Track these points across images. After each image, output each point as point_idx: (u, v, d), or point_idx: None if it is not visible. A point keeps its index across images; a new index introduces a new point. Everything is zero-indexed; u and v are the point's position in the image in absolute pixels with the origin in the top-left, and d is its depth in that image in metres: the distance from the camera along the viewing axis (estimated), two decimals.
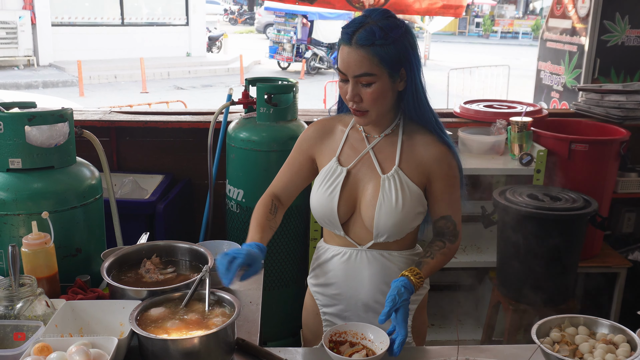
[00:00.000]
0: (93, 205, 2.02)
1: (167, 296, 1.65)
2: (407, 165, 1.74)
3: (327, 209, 1.77)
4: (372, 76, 1.62)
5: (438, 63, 19.86)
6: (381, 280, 1.79)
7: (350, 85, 1.64)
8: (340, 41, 1.64)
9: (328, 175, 1.79)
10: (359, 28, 1.60)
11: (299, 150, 1.88)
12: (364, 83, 1.63)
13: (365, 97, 1.64)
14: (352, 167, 1.78)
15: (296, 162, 1.88)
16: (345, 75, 1.64)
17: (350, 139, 1.82)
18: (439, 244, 1.77)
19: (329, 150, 1.83)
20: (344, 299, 1.84)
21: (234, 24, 34.08)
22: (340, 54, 1.63)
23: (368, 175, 1.76)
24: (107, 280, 1.70)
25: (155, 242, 1.94)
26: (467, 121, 3.51)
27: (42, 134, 1.88)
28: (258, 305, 1.90)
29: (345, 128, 1.83)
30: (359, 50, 1.59)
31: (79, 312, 1.65)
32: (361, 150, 1.79)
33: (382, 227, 1.72)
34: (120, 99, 11.59)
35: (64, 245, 1.92)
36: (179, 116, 3.40)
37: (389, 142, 1.77)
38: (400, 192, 1.71)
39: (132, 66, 14.97)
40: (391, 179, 1.73)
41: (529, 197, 2.79)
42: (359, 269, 1.80)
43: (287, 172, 1.89)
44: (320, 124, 1.88)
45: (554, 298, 2.79)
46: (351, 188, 1.77)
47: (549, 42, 4.88)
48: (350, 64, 1.61)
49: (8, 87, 13.21)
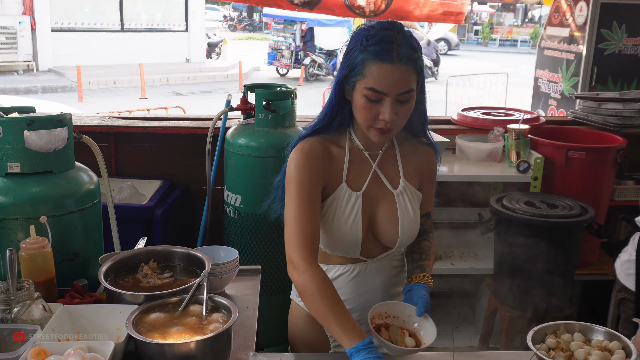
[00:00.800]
0: (91, 210, 2.02)
1: (164, 301, 1.65)
2: (409, 174, 1.76)
3: (352, 239, 1.70)
4: (412, 92, 1.57)
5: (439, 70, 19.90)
6: (391, 282, 1.83)
7: (388, 105, 1.54)
8: (375, 59, 1.52)
9: (342, 203, 1.69)
10: (392, 43, 1.52)
11: (312, 186, 1.65)
12: (403, 100, 1.56)
13: (400, 115, 1.58)
14: (365, 190, 1.71)
15: (316, 201, 1.66)
16: (380, 95, 1.54)
17: (352, 159, 1.72)
18: (426, 243, 1.81)
19: (334, 176, 1.71)
20: (356, 310, 1.81)
21: (233, 30, 34.17)
22: (378, 72, 1.52)
23: (380, 193, 1.73)
24: (105, 285, 1.71)
25: (152, 247, 1.94)
26: (464, 128, 3.53)
27: (41, 138, 1.88)
28: (255, 310, 1.91)
29: (342, 148, 1.72)
30: (403, 67, 1.52)
31: (76, 316, 1.65)
32: (366, 169, 1.73)
33: (406, 240, 1.75)
34: (119, 105, 11.59)
35: (61, 250, 1.92)
36: (177, 122, 3.41)
37: (388, 155, 1.76)
38: (414, 203, 1.74)
39: (132, 72, 14.99)
40: (403, 193, 1.73)
41: (526, 204, 2.80)
42: (369, 279, 1.80)
43: (314, 219, 1.64)
44: (316, 150, 1.68)
45: (550, 305, 2.80)
46: (366, 210, 1.71)
47: (546, 50, 4.91)
48: (396, 82, 1.52)
49: (7, 92, 13.21)
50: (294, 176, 1.66)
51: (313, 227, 1.63)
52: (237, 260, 2.01)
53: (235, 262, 2.00)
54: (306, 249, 1.61)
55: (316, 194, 1.66)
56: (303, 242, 1.62)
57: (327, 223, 1.71)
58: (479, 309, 3.45)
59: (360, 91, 1.57)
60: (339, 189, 1.70)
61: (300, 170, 1.66)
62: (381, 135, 1.62)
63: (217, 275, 1.95)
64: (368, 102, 1.57)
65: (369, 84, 1.54)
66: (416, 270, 1.72)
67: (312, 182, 1.66)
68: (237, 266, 2.02)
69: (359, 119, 1.63)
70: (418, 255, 1.77)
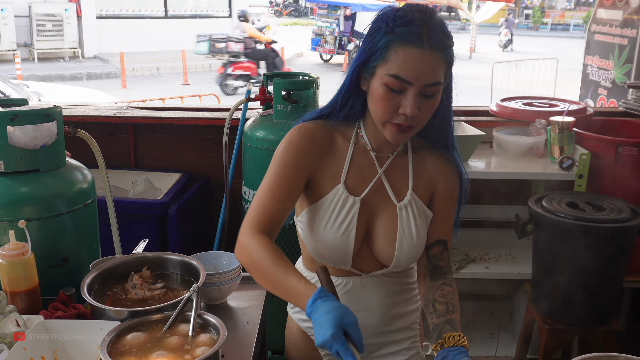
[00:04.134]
0: (83, 211, 1.87)
1: (146, 318, 1.48)
2: (419, 187, 1.53)
3: (342, 249, 1.50)
4: (440, 85, 1.36)
5: (484, 56, 19.37)
6: (392, 301, 1.60)
7: (411, 96, 1.33)
8: (402, 42, 1.31)
9: (337, 206, 1.48)
10: (424, 26, 1.31)
11: (295, 167, 1.46)
12: (428, 94, 1.35)
13: (423, 111, 1.36)
14: (364, 196, 1.50)
15: (293, 184, 1.46)
16: (404, 85, 1.33)
17: (356, 158, 1.51)
18: (449, 289, 1.48)
19: (330, 172, 1.50)
20: None
21: (279, 15, 34.10)
22: (405, 57, 1.31)
23: (381, 203, 1.51)
24: (86, 298, 1.55)
25: (144, 254, 1.78)
26: (503, 120, 3.25)
27: (25, 134, 1.74)
28: (255, 326, 1.72)
29: (348, 143, 1.51)
30: (434, 55, 1.31)
31: (54, 332, 1.50)
32: (370, 172, 1.51)
33: (403, 262, 1.52)
34: (161, 91, 11.60)
35: (49, 255, 1.78)
36: (196, 112, 3.25)
37: (398, 162, 1.53)
38: (418, 221, 1.50)
39: (174, 58, 15.06)
40: (408, 207, 1.50)
41: (569, 205, 2.53)
42: (365, 296, 1.58)
43: (282, 200, 1.45)
44: (317, 133, 1.50)
45: (595, 317, 2.53)
46: (363, 219, 1.50)
47: (597, 34, 4.54)
48: (424, 71, 1.31)
49: (54, 79, 13.44)
50: (279, 153, 1.48)
51: (279, 209, 1.45)
52: (239, 269, 1.83)
53: (237, 271, 1.82)
54: (261, 228, 1.43)
55: (297, 178, 1.46)
56: (261, 221, 1.44)
57: (317, 226, 1.50)
58: (517, 315, 3.20)
59: (380, 79, 1.35)
60: (335, 190, 1.49)
61: (288, 149, 1.47)
62: (398, 134, 1.39)
63: (215, 286, 1.78)
64: (389, 92, 1.35)
65: (393, 70, 1.32)
66: (446, 328, 1.40)
67: (298, 165, 1.46)
68: (239, 275, 1.84)
69: (375, 112, 1.40)
70: (443, 306, 1.45)
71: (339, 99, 1.49)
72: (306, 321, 1.67)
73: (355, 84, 1.45)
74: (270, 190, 1.46)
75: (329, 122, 1.52)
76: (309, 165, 1.48)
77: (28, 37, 15.57)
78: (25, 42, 15.59)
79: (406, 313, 1.64)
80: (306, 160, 1.47)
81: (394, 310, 1.61)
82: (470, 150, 2.87)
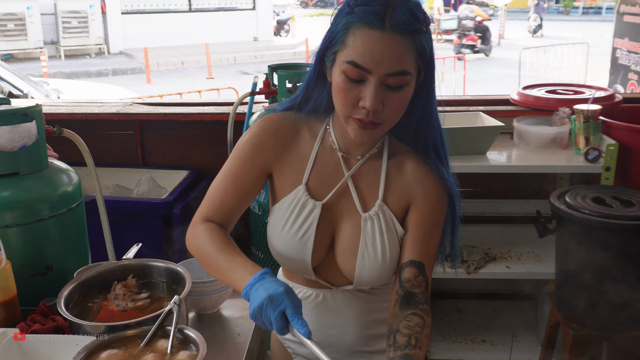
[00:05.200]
0: (68, 216, 1.77)
1: (123, 334, 1.37)
2: (391, 198, 1.33)
3: (298, 255, 1.35)
4: (407, 76, 1.16)
5: (513, 42, 18.96)
6: (367, 320, 1.44)
7: (372, 87, 1.15)
8: (361, 23, 1.14)
9: (295, 209, 1.33)
10: (387, 5, 1.14)
11: (249, 161, 1.34)
12: (392, 85, 1.16)
13: (389, 104, 1.18)
14: (327, 201, 1.34)
15: (246, 179, 1.35)
16: (363, 73, 1.15)
17: (321, 157, 1.35)
18: (417, 321, 1.20)
19: (292, 170, 1.36)
20: (324, 346, 1.42)
21: (305, 7, 33.95)
22: (363, 41, 1.14)
23: (346, 210, 1.34)
24: (60, 311, 1.45)
25: (128, 261, 1.66)
26: (525, 109, 3.06)
27: (1, 135, 1.64)
28: (247, 338, 1.60)
29: (314, 140, 1.35)
30: (397, 39, 1.13)
31: (26, 349, 1.40)
32: (336, 175, 1.34)
33: (365, 279, 1.34)
34: (186, 85, 11.57)
35: (30, 263, 1.68)
36: (201, 107, 3.14)
37: (370, 167, 1.34)
38: (385, 236, 1.30)
39: (199, 52, 15.05)
40: (374, 219, 1.31)
41: (594, 201, 2.35)
42: (337, 311, 1.43)
43: (233, 193, 1.35)
44: (280, 126, 1.36)
45: (624, 322, 2.35)
46: (325, 227, 1.34)
47: (626, 15, 4.30)
48: (385, 57, 1.13)
49: (80, 75, 13.53)
50: (239, 145, 1.38)
51: (229, 203, 1.36)
52: None
53: None
54: (211, 219, 1.36)
55: (250, 173, 1.35)
56: (211, 212, 1.37)
57: (275, 227, 1.37)
58: (541, 316, 3.02)
59: (339, 66, 1.19)
60: (295, 191, 1.35)
61: (247, 141, 1.36)
62: (361, 131, 1.21)
63: (206, 295, 1.66)
64: (347, 81, 1.18)
65: (350, 55, 1.16)
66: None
67: (253, 159, 1.35)
68: None
69: (336, 105, 1.24)
70: (405, 338, 1.18)
71: (304, 93, 1.35)
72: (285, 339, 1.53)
73: (320, 74, 1.29)
74: (223, 182, 1.37)
75: (298, 115, 1.37)
76: (266, 161, 1.36)
77: (54, 34, 15.69)
78: (52, 39, 15.71)
79: (382, 335, 1.44)
80: (262, 155, 1.35)
81: (371, 330, 1.45)
82: (488, 143, 2.70)
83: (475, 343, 2.97)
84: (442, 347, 2.95)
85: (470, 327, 3.09)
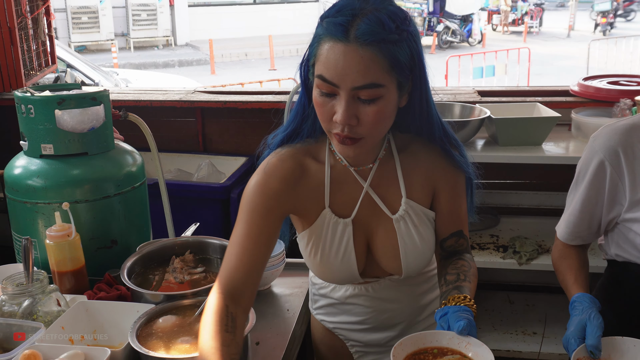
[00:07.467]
0: (132, 194, 1.89)
1: (178, 303, 1.48)
2: (414, 190, 1.36)
3: (343, 274, 1.38)
4: (379, 88, 1.13)
5: (583, 34, 18.36)
6: (417, 293, 1.51)
7: (343, 102, 1.13)
8: (324, 35, 1.13)
9: (328, 232, 1.34)
10: (353, 15, 1.11)
11: (264, 213, 1.28)
12: (364, 98, 1.13)
13: (364, 119, 1.15)
14: (355, 216, 1.35)
15: (263, 234, 1.28)
16: (332, 87, 1.14)
17: (335, 178, 1.34)
18: (463, 263, 1.34)
19: (311, 201, 1.34)
20: (380, 329, 1.51)
21: None
22: (328, 54, 1.12)
23: (375, 218, 1.36)
24: (124, 281, 1.56)
25: (186, 238, 1.78)
26: (584, 100, 3.01)
27: (72, 118, 1.77)
28: (295, 314, 1.67)
29: (322, 166, 1.34)
30: (361, 50, 1.09)
31: (93, 312, 1.52)
32: (355, 189, 1.34)
33: (413, 270, 1.39)
34: (248, 76, 11.79)
35: (97, 237, 1.81)
36: (259, 96, 3.24)
37: (385, 169, 1.35)
38: (420, 228, 1.35)
39: (262, 44, 15.28)
40: (405, 218, 1.34)
41: None
42: (387, 297, 1.48)
43: (251, 253, 1.26)
44: (285, 169, 1.31)
45: None
46: (360, 239, 1.37)
47: None
48: (349, 71, 1.10)
49: (147, 66, 13.98)
50: (247, 196, 1.31)
51: (247, 266, 1.25)
52: (282, 255, 1.80)
53: (281, 257, 1.79)
54: (225, 284, 1.23)
55: (268, 222, 1.29)
56: (227, 277, 1.24)
57: (314, 254, 1.37)
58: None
59: (315, 80, 1.18)
60: (322, 216, 1.34)
61: (255, 192, 1.30)
62: (342, 146, 1.20)
63: None
64: (320, 95, 1.17)
65: (319, 69, 1.15)
66: (453, 292, 1.25)
67: (267, 208, 1.28)
68: (282, 261, 1.80)
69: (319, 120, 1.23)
70: (454, 276, 1.30)
71: (300, 114, 1.33)
72: (332, 322, 1.57)
73: (308, 89, 1.26)
74: (236, 246, 1.27)
75: (296, 148, 1.35)
76: (282, 204, 1.31)
77: (125, 26, 16.27)
78: (123, 31, 16.29)
79: (434, 299, 1.54)
80: (277, 200, 1.30)
81: (424, 300, 1.52)
82: (544, 134, 2.68)
83: (526, 335, 2.96)
84: (492, 337, 2.95)
85: (522, 319, 3.07)
